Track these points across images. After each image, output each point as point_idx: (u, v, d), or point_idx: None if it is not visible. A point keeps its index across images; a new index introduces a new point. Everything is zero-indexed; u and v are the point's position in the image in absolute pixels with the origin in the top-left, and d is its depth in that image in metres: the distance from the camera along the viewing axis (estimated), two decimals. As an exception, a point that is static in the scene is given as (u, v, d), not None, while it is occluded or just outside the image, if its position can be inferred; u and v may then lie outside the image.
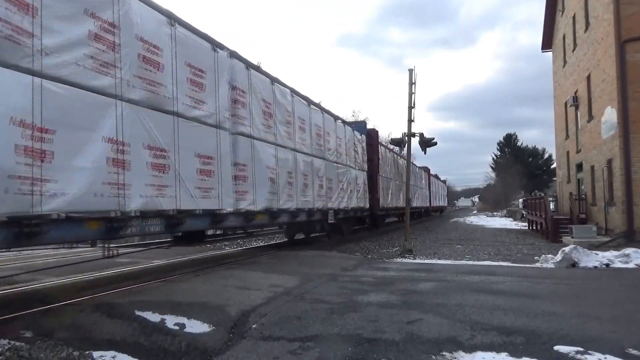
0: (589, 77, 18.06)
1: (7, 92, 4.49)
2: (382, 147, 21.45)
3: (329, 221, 13.88)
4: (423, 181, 36.03)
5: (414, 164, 32.56)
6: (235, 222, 8.97)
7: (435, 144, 15.20)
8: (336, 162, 14.63)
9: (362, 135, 18.05)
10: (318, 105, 13.75)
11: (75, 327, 4.69)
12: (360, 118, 57.28)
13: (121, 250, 9.89)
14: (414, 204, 29.75)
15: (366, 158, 18.26)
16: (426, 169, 39.19)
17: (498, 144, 71.03)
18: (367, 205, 17.88)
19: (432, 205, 41.80)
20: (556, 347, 4.17)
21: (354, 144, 16.80)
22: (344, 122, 16.20)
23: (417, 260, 11.65)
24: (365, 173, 17.91)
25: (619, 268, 9.51)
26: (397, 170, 24.15)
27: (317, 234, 16.62)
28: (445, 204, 61.92)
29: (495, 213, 54.90)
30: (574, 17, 20.38)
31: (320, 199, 13.06)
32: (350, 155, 16.23)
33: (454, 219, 41.72)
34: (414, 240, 15.67)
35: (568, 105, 21.61)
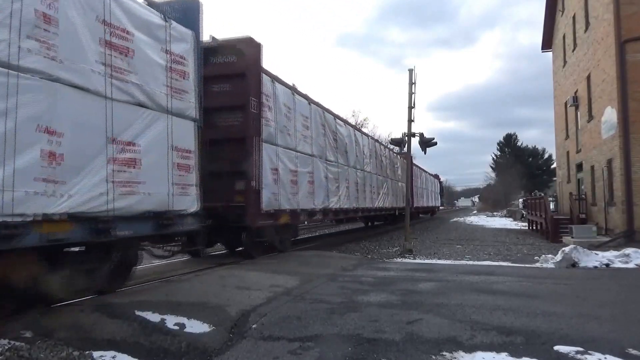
0: (589, 77, 18.06)
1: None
2: (277, 84, 10.44)
3: None
4: (400, 171, 25.37)
5: (387, 147, 23.02)
6: None
7: (435, 144, 15.21)
8: None
9: (183, 31, 7.16)
10: None
11: (75, 327, 4.69)
12: (360, 118, 47.86)
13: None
14: (381, 204, 20.21)
15: (193, 88, 7.23)
16: (404, 156, 26.05)
17: (498, 144, 71.10)
18: (196, 206, 7.16)
19: (415, 205, 29.56)
20: (556, 347, 4.17)
21: (124, 31, 5.99)
22: None
23: (417, 260, 11.65)
24: (188, 124, 7.14)
25: (619, 268, 9.50)
26: (332, 143, 13.77)
27: None
28: (438, 204, 49.21)
29: (495, 213, 54.90)
30: (574, 17, 20.38)
31: None
32: (87, 55, 5.42)
33: (454, 219, 41.73)
34: (413, 240, 15.67)
35: (568, 105, 21.62)
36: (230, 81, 9.52)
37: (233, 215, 9.07)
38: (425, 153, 15.47)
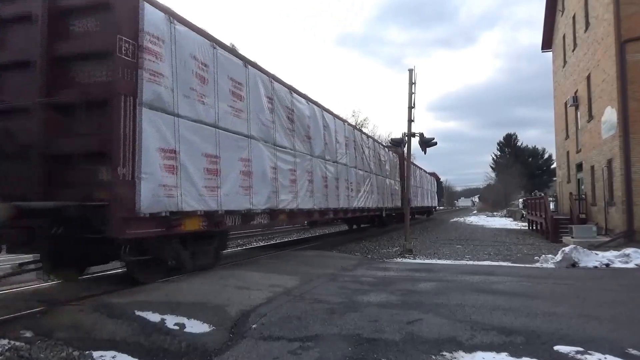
0: (589, 77, 18.07)
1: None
2: (178, 25, 6.87)
3: None
4: (388, 166, 21.51)
5: (370, 137, 19.71)
6: None
7: (435, 144, 15.19)
8: None
9: None
10: None
11: (75, 327, 4.69)
12: (360, 118, 48.35)
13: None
14: (362, 203, 16.63)
15: None
16: (394, 149, 22.56)
17: (498, 144, 71.25)
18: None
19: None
20: (556, 347, 4.17)
21: None
22: None
23: (417, 260, 11.65)
24: None
25: (619, 268, 9.51)
26: (286, 124, 10.63)
27: None
28: (435, 204, 44.67)
29: (495, 213, 54.96)
30: (574, 17, 20.39)
31: None
32: None
33: (454, 219, 41.74)
34: (413, 241, 15.67)
35: (568, 105, 21.62)
36: (97, 16, 6.26)
37: (94, 220, 5.75)
38: (425, 153, 15.46)
